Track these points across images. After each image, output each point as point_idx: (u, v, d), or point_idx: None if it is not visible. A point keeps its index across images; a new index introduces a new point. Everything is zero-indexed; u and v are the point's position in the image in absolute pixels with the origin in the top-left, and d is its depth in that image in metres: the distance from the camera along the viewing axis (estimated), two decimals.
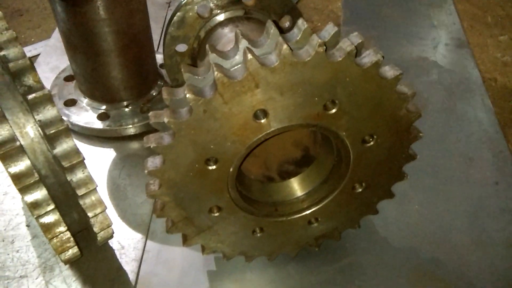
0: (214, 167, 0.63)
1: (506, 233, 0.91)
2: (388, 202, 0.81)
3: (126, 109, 1.09)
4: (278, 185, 0.79)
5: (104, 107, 1.09)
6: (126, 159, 1.04)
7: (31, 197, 0.53)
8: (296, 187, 0.79)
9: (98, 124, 1.06)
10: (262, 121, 0.59)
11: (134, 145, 1.08)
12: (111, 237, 0.72)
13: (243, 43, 0.57)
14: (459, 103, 1.24)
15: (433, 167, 1.04)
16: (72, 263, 0.80)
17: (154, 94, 1.14)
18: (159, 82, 1.17)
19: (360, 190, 0.75)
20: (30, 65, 0.53)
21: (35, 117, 0.52)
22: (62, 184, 0.59)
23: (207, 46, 0.60)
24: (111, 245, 0.86)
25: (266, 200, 0.77)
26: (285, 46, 0.53)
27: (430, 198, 0.97)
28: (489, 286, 0.83)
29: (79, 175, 0.57)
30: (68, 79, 1.18)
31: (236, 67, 0.56)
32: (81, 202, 0.59)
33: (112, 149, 1.07)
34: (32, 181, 0.52)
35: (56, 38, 1.41)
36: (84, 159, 0.59)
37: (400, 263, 0.86)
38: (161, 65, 1.21)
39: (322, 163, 0.78)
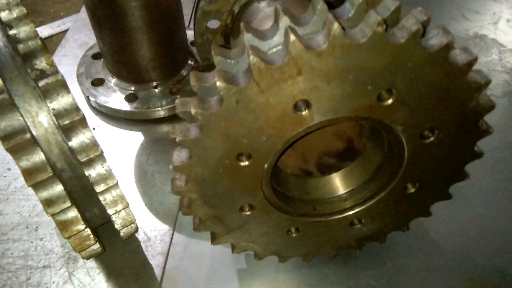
0: (246, 163, 0.55)
1: None
2: (441, 201, 0.71)
3: (155, 90, 1.03)
4: (317, 181, 0.71)
5: (132, 87, 1.03)
6: (154, 144, 0.98)
7: (45, 194, 0.48)
8: (338, 184, 0.70)
9: (126, 106, 1.00)
10: (304, 113, 0.51)
11: (163, 128, 1.03)
12: (136, 232, 0.66)
13: (284, 21, 0.48)
14: None
15: (493, 162, 0.92)
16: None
17: (184, 74, 1.07)
18: (189, 62, 1.10)
19: (412, 190, 0.65)
20: (43, 46, 0.46)
21: (49, 105, 0.46)
22: (80, 177, 0.53)
23: (241, 24, 0.51)
24: (137, 237, 0.81)
25: (304, 197, 0.69)
26: (335, 24, 0.44)
27: (489, 197, 0.86)
28: None
29: (98, 169, 0.51)
30: (96, 56, 1.12)
31: (275, 50, 0.47)
32: (100, 198, 0.53)
33: (140, 133, 1.01)
34: (45, 177, 0.46)
35: (86, 12, 1.36)
36: (102, 152, 0.52)
37: (452, 269, 0.77)
38: (192, 43, 1.13)
39: (369, 158, 0.68)
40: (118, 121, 1.03)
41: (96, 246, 0.60)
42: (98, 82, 1.06)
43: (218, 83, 0.47)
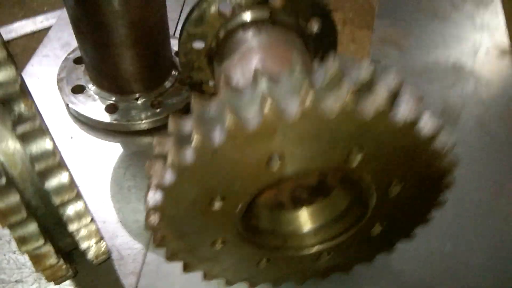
0: (220, 204, 0.57)
1: None
2: None
3: (137, 102, 1.03)
4: (289, 215, 0.74)
5: (113, 98, 1.03)
6: (133, 157, 0.99)
7: (19, 232, 0.49)
8: (308, 219, 0.73)
9: (106, 117, 1.00)
10: (277, 166, 0.53)
11: (143, 140, 1.03)
12: (108, 258, 0.68)
13: (263, 84, 0.49)
14: (495, 122, 1.14)
15: (457, 195, 0.96)
16: None
17: (167, 86, 1.07)
18: (173, 73, 1.10)
19: (379, 231, 0.68)
20: (21, 91, 0.47)
21: (25, 149, 0.47)
22: (54, 213, 0.54)
23: (222, 76, 0.52)
24: (111, 255, 0.82)
25: (275, 231, 0.72)
26: (310, 97, 0.46)
27: (452, 231, 0.91)
28: None
29: (72, 210, 0.52)
30: (77, 61, 1.11)
31: (252, 111, 0.49)
32: (74, 234, 0.54)
33: (119, 144, 1.02)
34: (19, 218, 0.47)
35: None
36: (78, 192, 0.53)
37: None
38: (176, 53, 1.13)
39: (339, 197, 0.71)
40: (97, 131, 1.03)
41: (69, 273, 0.61)
42: (78, 89, 1.05)
43: (194, 136, 0.49)
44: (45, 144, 0.47)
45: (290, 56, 0.75)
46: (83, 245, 0.57)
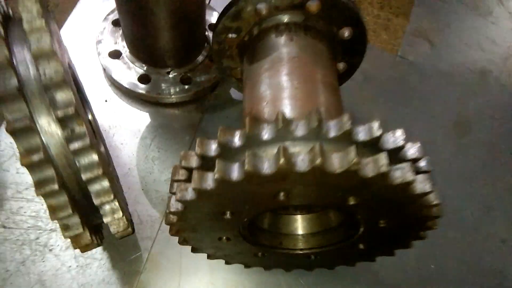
0: (229, 215, 0.67)
1: None
2: None
3: (168, 76, 1.09)
4: (287, 219, 0.83)
5: (146, 68, 1.09)
6: (159, 128, 1.08)
7: (50, 202, 0.59)
8: (303, 226, 0.83)
9: (137, 87, 1.07)
10: (283, 198, 0.61)
11: (171, 112, 1.11)
12: (130, 234, 0.79)
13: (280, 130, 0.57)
14: (505, 139, 1.18)
15: (447, 209, 1.04)
16: None
17: (199, 61, 1.13)
18: (205, 46, 1.15)
19: (362, 248, 0.78)
20: (76, 113, 0.55)
21: (77, 163, 0.56)
22: (83, 187, 0.64)
23: (246, 118, 0.59)
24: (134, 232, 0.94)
25: (273, 231, 0.82)
26: (319, 157, 0.53)
27: (431, 244, 0.99)
28: None
29: (97, 187, 0.62)
30: (116, 23, 1.16)
31: (267, 158, 0.56)
32: (99, 208, 0.65)
33: (147, 114, 1.10)
34: (51, 189, 0.57)
35: None
36: (105, 172, 0.62)
37: None
38: (210, 26, 1.16)
39: (333, 215, 0.80)
40: (130, 98, 1.11)
41: (94, 243, 0.73)
42: (115, 55, 1.11)
43: (217, 168, 0.57)
44: (93, 158, 0.56)
45: (315, 75, 0.80)
46: (106, 219, 0.67)
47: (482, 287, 0.97)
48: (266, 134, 0.59)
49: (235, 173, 0.57)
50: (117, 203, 0.70)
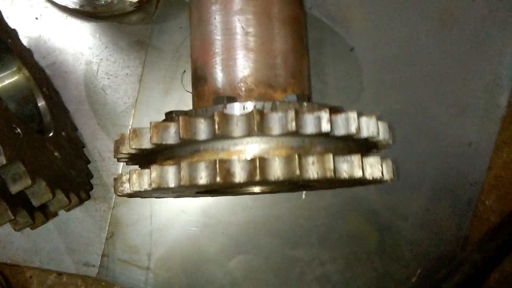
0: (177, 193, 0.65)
1: None
2: None
3: None
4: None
5: None
6: (104, 49, 0.95)
7: None
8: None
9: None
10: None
11: (114, 26, 0.96)
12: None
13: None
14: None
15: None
16: None
17: None
18: None
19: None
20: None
21: None
22: None
23: (181, 118, 0.52)
24: (94, 157, 0.92)
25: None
26: (257, 175, 0.48)
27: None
28: None
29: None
30: None
31: (205, 164, 0.51)
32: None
33: (88, 32, 0.95)
34: None
35: None
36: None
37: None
38: None
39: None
40: (65, 13, 0.94)
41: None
42: None
43: (152, 178, 0.53)
44: None
45: (271, 9, 0.67)
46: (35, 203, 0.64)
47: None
48: (203, 134, 0.52)
49: (171, 181, 0.53)
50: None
